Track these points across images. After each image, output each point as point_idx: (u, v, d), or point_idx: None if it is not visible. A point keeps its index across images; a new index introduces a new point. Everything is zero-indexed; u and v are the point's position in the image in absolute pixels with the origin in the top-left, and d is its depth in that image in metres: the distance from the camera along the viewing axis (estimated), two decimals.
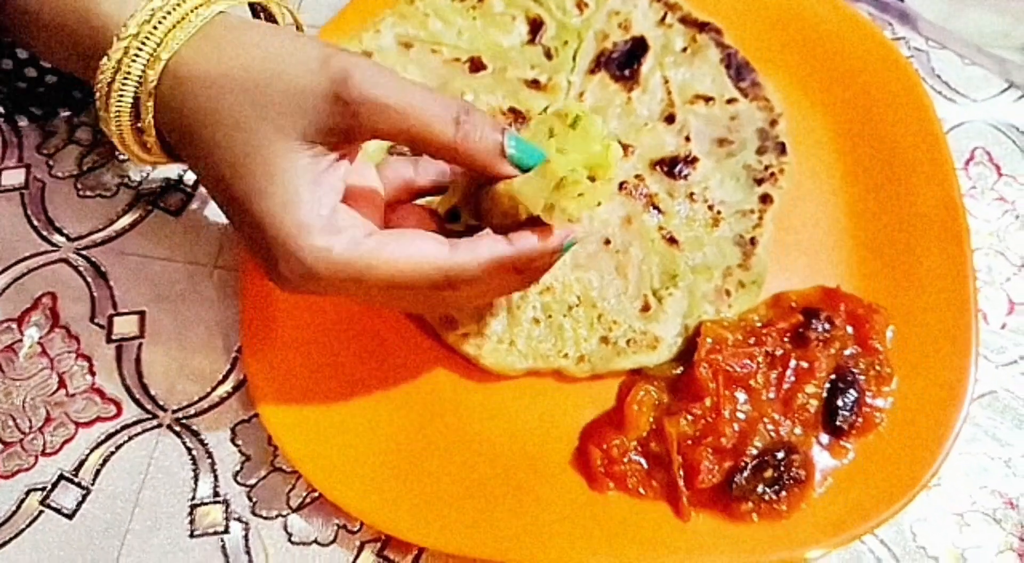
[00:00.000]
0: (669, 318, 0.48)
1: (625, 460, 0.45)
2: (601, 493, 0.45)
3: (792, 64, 0.56)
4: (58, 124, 0.57)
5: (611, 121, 0.54)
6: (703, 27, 0.56)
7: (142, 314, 0.51)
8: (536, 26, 0.57)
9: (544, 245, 0.39)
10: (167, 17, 0.38)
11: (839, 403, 0.46)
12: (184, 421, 0.48)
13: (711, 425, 0.45)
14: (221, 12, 0.39)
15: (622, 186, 0.51)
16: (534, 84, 0.55)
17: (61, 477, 0.47)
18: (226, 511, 0.46)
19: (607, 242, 0.50)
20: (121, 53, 0.38)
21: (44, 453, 0.48)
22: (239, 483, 0.47)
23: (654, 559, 0.44)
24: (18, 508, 0.47)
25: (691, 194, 0.51)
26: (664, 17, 0.57)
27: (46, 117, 0.56)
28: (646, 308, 0.49)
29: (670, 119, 0.54)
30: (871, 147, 0.53)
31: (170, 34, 0.38)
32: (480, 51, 0.56)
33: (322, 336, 0.49)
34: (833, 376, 0.47)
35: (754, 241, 0.50)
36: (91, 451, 0.48)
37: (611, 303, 0.49)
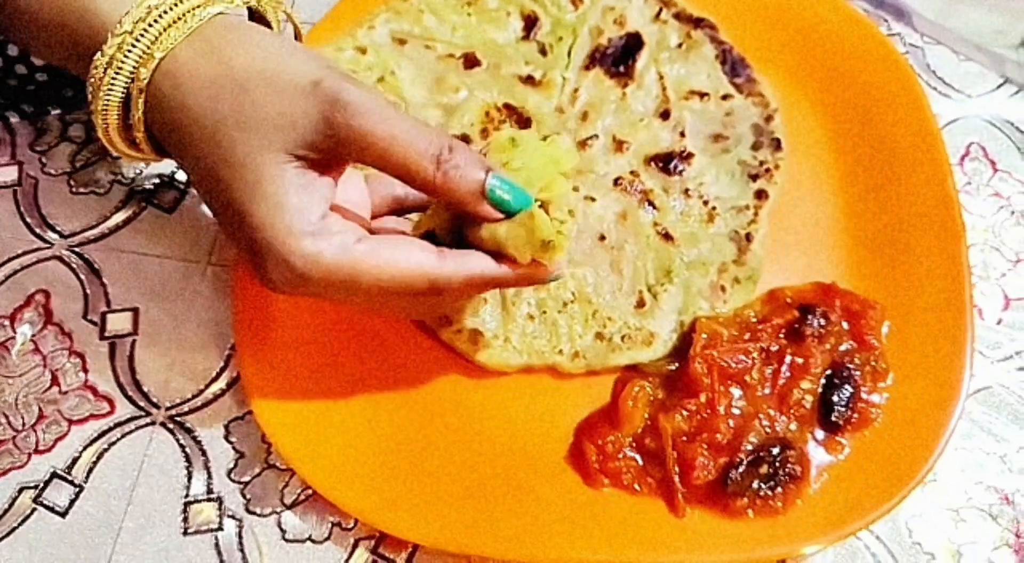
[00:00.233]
0: (664, 314, 0.48)
1: (620, 456, 0.45)
2: (596, 489, 0.45)
3: (787, 60, 0.56)
4: (51, 121, 0.56)
5: (606, 117, 0.54)
6: (698, 23, 0.56)
7: (135, 311, 0.51)
8: (531, 22, 0.57)
9: (531, 277, 0.40)
10: (163, 16, 0.38)
11: (834, 399, 0.46)
12: (178, 418, 0.48)
13: (706, 421, 0.45)
14: (219, 14, 0.39)
15: (617, 182, 0.51)
16: (529, 80, 0.55)
17: (54, 475, 0.47)
18: (220, 508, 0.46)
19: (602, 238, 0.50)
20: (115, 49, 0.38)
21: (37, 451, 0.48)
22: (233, 480, 0.47)
23: (649, 555, 0.43)
24: (10, 506, 0.46)
25: (686, 190, 0.51)
26: (659, 13, 0.57)
27: (37, 115, 0.56)
28: (641, 304, 0.48)
29: (665, 115, 0.54)
30: (866, 143, 0.53)
31: (165, 33, 0.38)
32: (475, 47, 0.56)
33: (316, 333, 0.49)
34: (829, 372, 0.46)
35: (749, 237, 0.50)
36: (84, 449, 0.48)
37: (606, 299, 0.49)
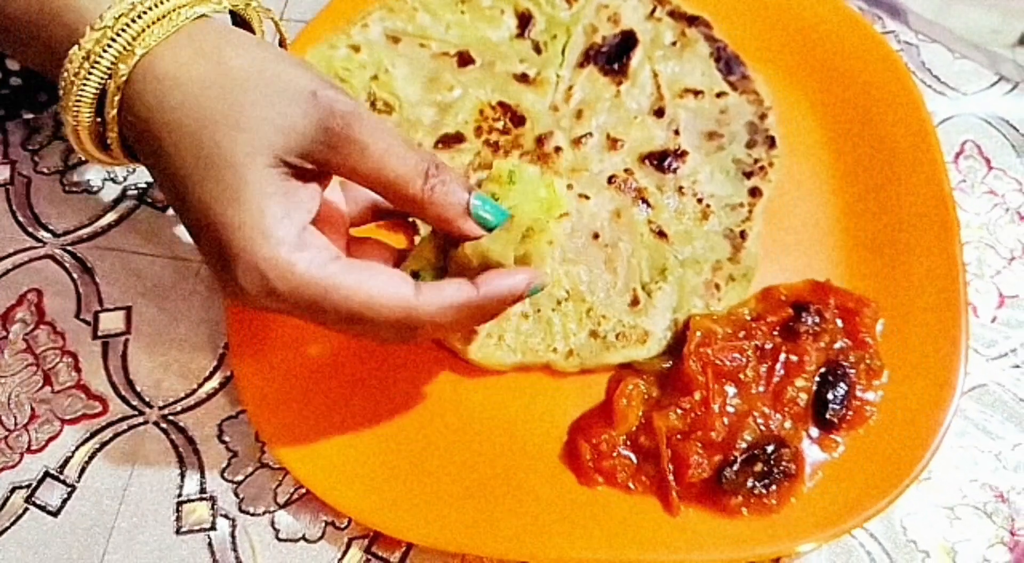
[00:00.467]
0: (658, 312, 0.48)
1: (614, 455, 0.45)
2: (590, 488, 0.45)
3: (782, 58, 0.56)
4: (44, 120, 0.56)
5: (600, 115, 0.53)
6: (693, 21, 0.56)
7: (128, 310, 0.51)
8: (525, 20, 0.57)
9: (512, 289, 0.39)
10: (147, 12, 0.37)
11: (829, 397, 0.46)
12: (171, 418, 0.48)
13: (700, 419, 0.45)
14: (203, 16, 0.38)
15: (611, 180, 0.51)
16: (523, 78, 0.55)
17: (46, 474, 0.47)
18: (213, 508, 0.46)
19: (596, 236, 0.50)
20: (93, 42, 0.37)
21: (29, 450, 0.47)
22: (226, 480, 0.47)
23: (643, 554, 0.43)
24: (3, 506, 0.46)
25: (680, 188, 0.51)
26: (653, 11, 0.57)
27: (8, 118, 0.55)
28: (635, 302, 0.48)
29: (659, 113, 0.53)
30: (861, 141, 0.53)
31: (148, 30, 0.37)
32: (469, 45, 0.56)
33: (308, 332, 0.48)
34: (823, 370, 0.46)
35: (744, 235, 0.50)
36: (77, 448, 0.47)
37: (600, 297, 0.48)
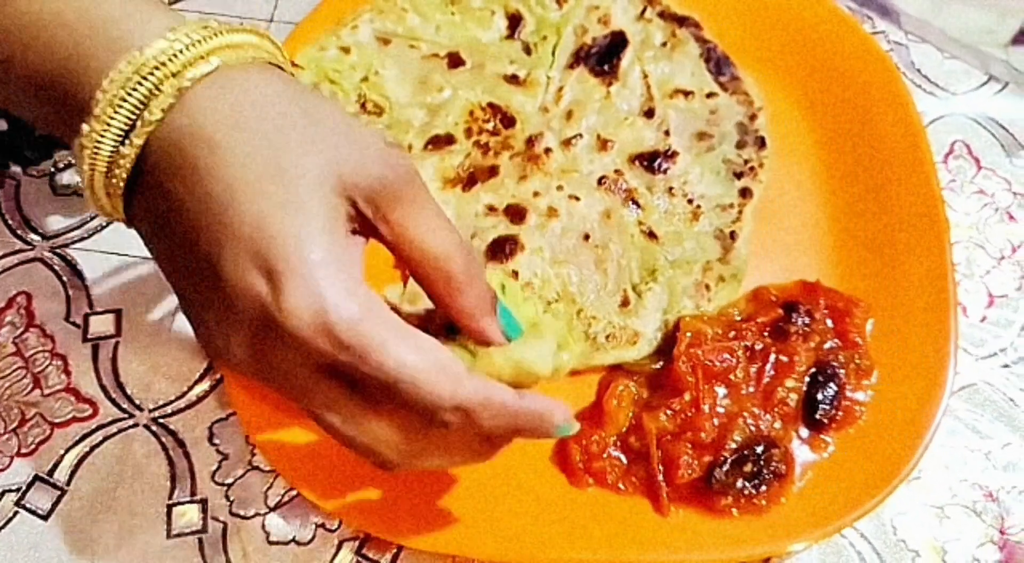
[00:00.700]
0: (648, 313, 0.48)
1: (604, 456, 0.45)
2: (581, 489, 0.45)
3: (772, 58, 0.56)
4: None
5: (590, 116, 0.53)
6: (683, 22, 0.56)
7: (118, 313, 0.51)
8: (515, 21, 0.57)
9: (550, 411, 0.36)
10: (193, 47, 0.33)
11: (819, 397, 0.46)
12: (161, 420, 0.48)
13: (690, 420, 0.45)
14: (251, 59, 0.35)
15: (601, 181, 0.51)
16: (513, 79, 0.55)
17: (36, 478, 0.47)
18: (203, 511, 0.46)
19: (586, 237, 0.50)
20: (164, 47, 0.32)
21: (19, 454, 0.47)
22: (216, 482, 0.47)
23: (634, 554, 0.43)
24: None
25: (670, 188, 0.51)
26: (643, 12, 0.57)
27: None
28: (625, 303, 0.48)
29: (649, 113, 0.53)
30: (851, 141, 0.53)
31: (215, 52, 0.33)
32: (459, 46, 0.56)
33: None
34: (813, 370, 0.46)
35: (734, 235, 0.50)
36: (66, 451, 0.47)
37: (590, 298, 0.48)
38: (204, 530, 0.46)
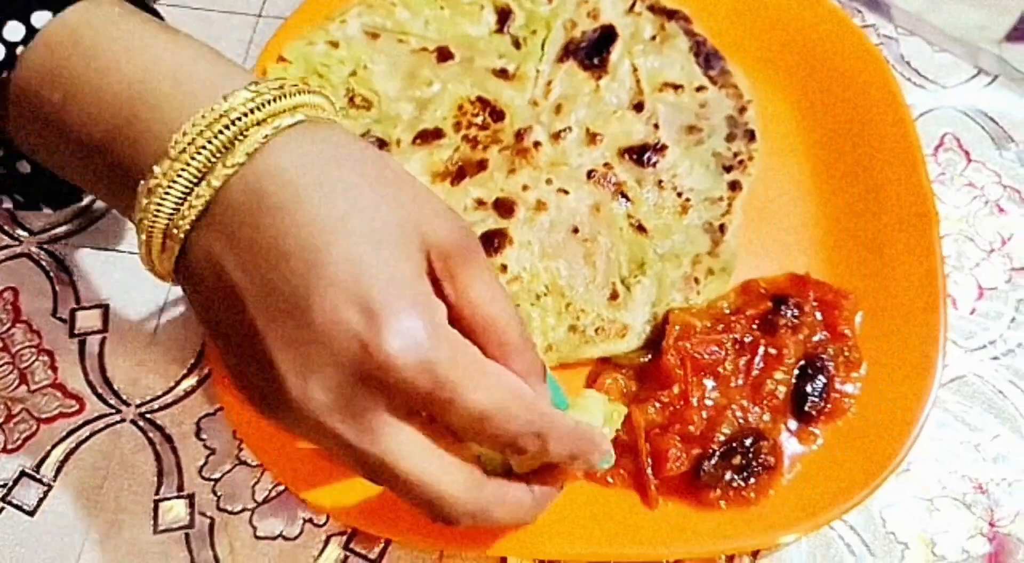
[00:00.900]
0: (637, 306, 0.48)
1: None
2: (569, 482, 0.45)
3: (761, 52, 0.56)
4: None
5: (580, 109, 0.53)
6: (672, 15, 0.56)
7: (105, 308, 0.50)
8: (504, 15, 0.56)
9: (601, 439, 0.38)
10: (284, 98, 0.35)
11: (808, 389, 0.46)
12: (148, 416, 0.48)
13: (679, 412, 0.45)
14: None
15: (591, 174, 0.51)
16: (502, 73, 0.55)
17: (23, 474, 0.46)
18: (190, 506, 0.46)
19: (575, 230, 0.50)
20: (241, 103, 0.34)
21: (5, 450, 0.47)
22: (204, 478, 0.46)
23: (622, 548, 0.43)
24: None
25: (660, 182, 0.51)
26: (633, 6, 0.56)
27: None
28: (614, 296, 0.48)
29: (639, 107, 0.53)
30: (841, 135, 0.53)
31: (299, 108, 0.35)
32: (448, 41, 0.55)
33: None
34: (802, 362, 0.46)
35: (723, 228, 0.50)
36: (53, 447, 0.47)
37: (579, 292, 0.48)
38: (191, 525, 0.45)
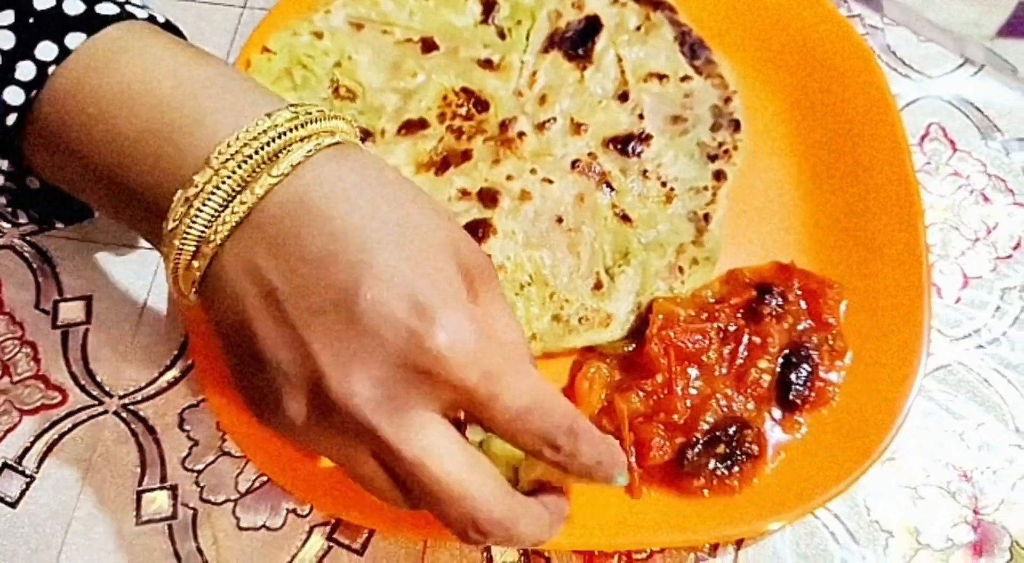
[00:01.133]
0: (621, 296, 0.48)
1: None
2: None
3: (746, 42, 0.56)
4: None
5: (564, 100, 0.53)
6: (657, 5, 0.56)
7: (88, 300, 0.50)
8: (489, 6, 0.56)
9: (620, 450, 0.38)
10: (324, 121, 0.37)
11: (792, 378, 0.46)
12: (131, 407, 0.48)
13: (663, 401, 0.45)
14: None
15: (575, 164, 0.51)
16: (487, 64, 0.54)
17: (5, 465, 0.46)
18: (173, 497, 0.46)
19: (559, 220, 0.49)
20: (284, 120, 0.35)
21: None
22: (187, 469, 0.46)
23: (606, 537, 0.43)
24: None
25: (644, 171, 0.51)
26: None
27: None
28: (598, 286, 0.48)
29: (624, 97, 0.53)
30: (826, 124, 0.53)
31: (337, 130, 0.37)
32: (432, 31, 0.55)
33: None
34: (786, 351, 0.46)
35: (708, 217, 0.50)
36: (36, 439, 0.47)
37: (563, 281, 0.48)
38: (174, 516, 0.45)
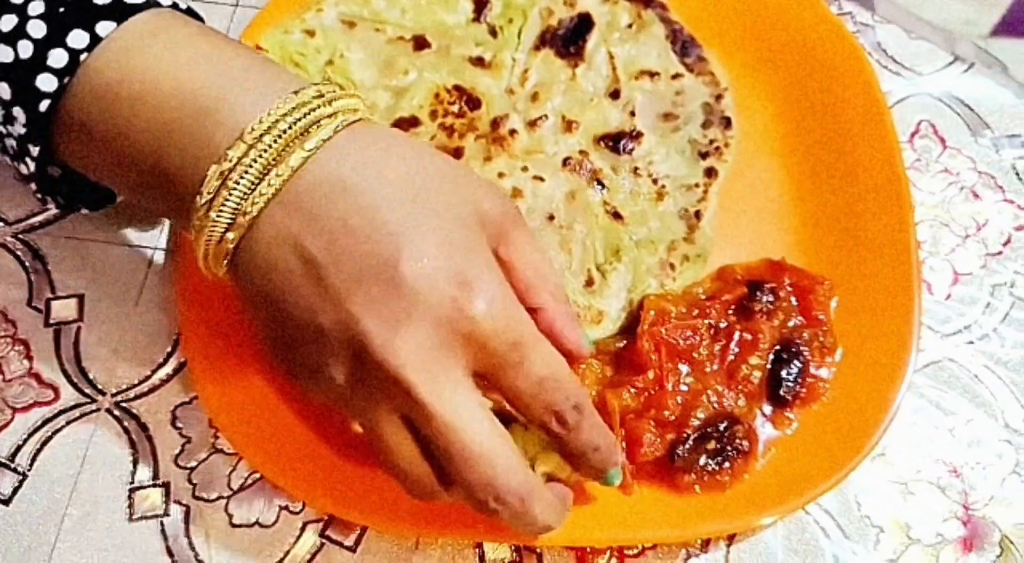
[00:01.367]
0: (613, 293, 0.48)
1: None
2: None
3: (738, 40, 0.56)
4: None
5: (556, 97, 0.53)
6: (649, 3, 0.56)
7: (81, 298, 0.50)
8: (481, 4, 0.56)
9: (617, 445, 0.41)
10: (350, 98, 0.39)
11: (783, 374, 0.46)
12: (123, 404, 0.48)
13: (654, 398, 0.45)
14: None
15: (566, 162, 0.51)
16: (479, 62, 0.54)
17: None
18: (166, 494, 0.46)
19: (551, 218, 0.50)
20: (307, 98, 0.37)
21: None
22: (179, 466, 0.46)
23: (598, 533, 0.43)
24: None
25: (635, 169, 0.51)
26: None
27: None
28: (590, 283, 0.48)
29: (615, 95, 0.53)
30: (816, 121, 0.53)
31: (359, 108, 0.39)
32: (424, 29, 0.55)
33: None
34: (777, 347, 0.46)
35: (699, 215, 0.50)
36: (28, 436, 0.47)
37: None
38: (167, 514, 0.45)
